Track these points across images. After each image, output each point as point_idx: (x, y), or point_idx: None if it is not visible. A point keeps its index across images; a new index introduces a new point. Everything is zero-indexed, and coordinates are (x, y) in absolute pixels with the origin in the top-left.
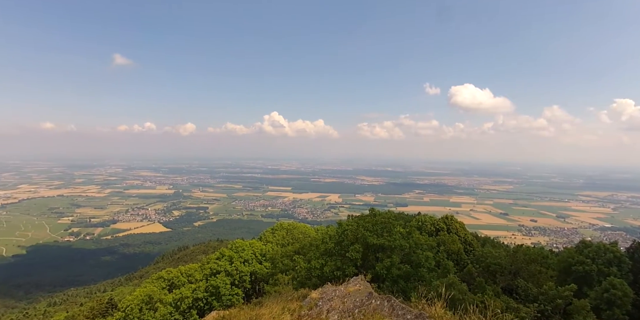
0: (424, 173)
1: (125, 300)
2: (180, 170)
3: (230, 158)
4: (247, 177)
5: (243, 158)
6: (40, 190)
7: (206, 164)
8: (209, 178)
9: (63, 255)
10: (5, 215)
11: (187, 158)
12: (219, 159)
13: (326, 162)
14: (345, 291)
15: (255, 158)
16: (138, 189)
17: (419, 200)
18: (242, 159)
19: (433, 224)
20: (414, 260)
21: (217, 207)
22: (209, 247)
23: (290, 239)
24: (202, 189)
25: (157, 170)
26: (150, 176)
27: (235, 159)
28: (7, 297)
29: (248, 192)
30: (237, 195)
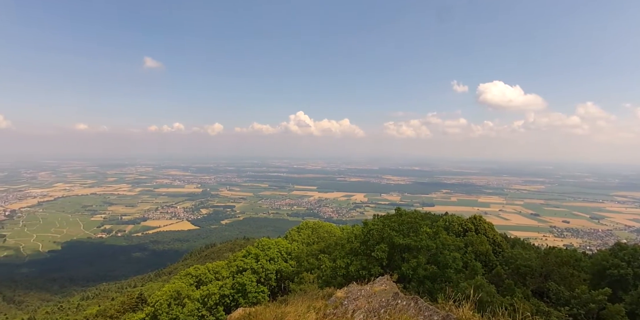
0: (451, 172)
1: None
2: (208, 170)
3: (256, 157)
4: (273, 176)
5: (269, 157)
6: (75, 188)
7: (233, 163)
8: (235, 177)
9: (96, 251)
10: (42, 212)
11: (214, 157)
12: (246, 158)
13: (352, 161)
14: (370, 291)
15: (281, 157)
16: (167, 187)
17: (446, 200)
18: (269, 158)
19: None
20: (440, 261)
21: (243, 206)
22: (235, 245)
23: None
24: (229, 187)
25: (185, 170)
26: (179, 175)
27: (262, 158)
28: (42, 290)
29: (274, 191)
30: (264, 194)
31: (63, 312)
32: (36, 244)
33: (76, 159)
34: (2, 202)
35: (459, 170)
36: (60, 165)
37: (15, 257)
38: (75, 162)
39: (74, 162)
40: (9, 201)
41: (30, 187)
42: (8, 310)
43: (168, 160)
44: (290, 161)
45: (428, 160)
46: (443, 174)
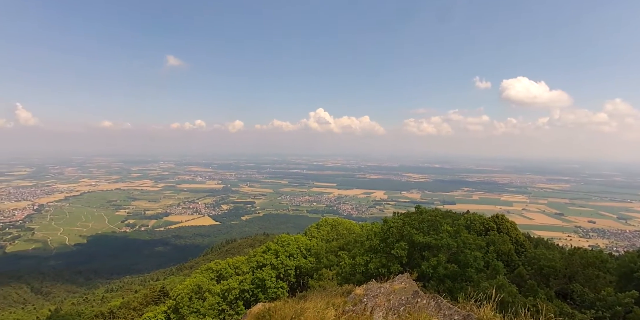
0: (473, 170)
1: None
2: (229, 166)
3: (276, 154)
4: (293, 173)
5: (289, 154)
6: (100, 184)
7: (253, 160)
8: (256, 173)
9: (120, 245)
10: (68, 207)
11: (235, 154)
12: (266, 155)
13: (372, 158)
14: (390, 288)
15: (300, 154)
16: (189, 183)
17: (467, 198)
18: (288, 155)
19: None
20: (461, 259)
21: (263, 202)
22: (255, 241)
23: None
24: (250, 184)
25: (207, 166)
26: (201, 171)
27: (282, 155)
28: (69, 282)
29: (294, 188)
30: (283, 191)
31: (88, 304)
32: (63, 238)
33: (101, 155)
34: (30, 196)
35: (480, 168)
36: (86, 161)
37: (43, 249)
38: (100, 158)
39: (99, 158)
40: (38, 196)
41: (57, 183)
42: (36, 300)
43: (190, 156)
44: (309, 158)
45: (449, 157)
46: (464, 172)
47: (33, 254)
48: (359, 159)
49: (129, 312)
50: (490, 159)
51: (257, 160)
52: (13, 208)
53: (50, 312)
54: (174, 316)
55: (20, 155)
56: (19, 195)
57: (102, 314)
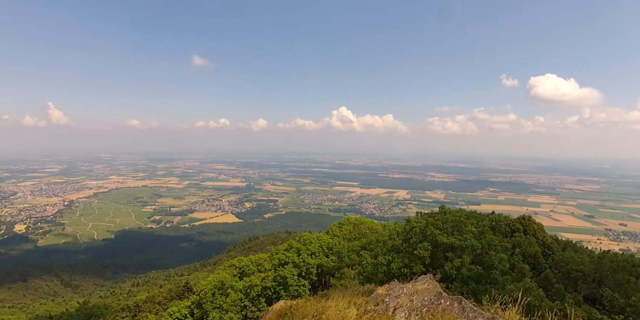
0: (499, 170)
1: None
2: (252, 164)
3: (299, 153)
4: (315, 171)
5: (312, 153)
6: (127, 181)
7: (276, 159)
8: (278, 172)
9: (146, 241)
10: (97, 203)
11: (258, 152)
12: (289, 153)
13: (395, 157)
14: (413, 289)
15: (323, 153)
16: (213, 181)
17: (492, 198)
18: (311, 153)
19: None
20: (486, 261)
21: (286, 200)
22: (277, 239)
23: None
24: (272, 182)
25: (230, 164)
26: (225, 169)
27: (304, 153)
28: (97, 276)
29: (316, 186)
30: (306, 189)
31: (115, 297)
32: (92, 233)
33: (129, 153)
34: (61, 192)
35: (507, 168)
36: (114, 158)
37: (73, 244)
38: (128, 156)
39: (126, 156)
40: (68, 192)
41: (87, 179)
42: (65, 293)
43: (214, 154)
44: (332, 157)
45: (474, 157)
46: (490, 172)
47: (63, 248)
48: (381, 158)
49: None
50: (516, 159)
51: (280, 158)
52: (45, 203)
53: (79, 304)
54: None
55: (51, 153)
56: (50, 192)
57: (128, 307)
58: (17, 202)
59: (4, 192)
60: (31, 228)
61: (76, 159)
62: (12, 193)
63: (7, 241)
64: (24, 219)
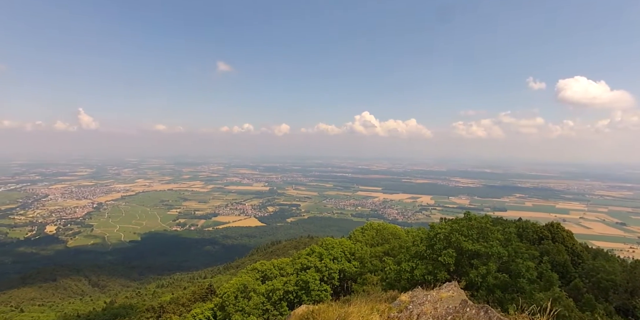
0: (526, 175)
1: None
2: (275, 169)
3: (321, 157)
4: (338, 176)
5: (334, 157)
6: (154, 184)
7: (299, 163)
8: (301, 176)
9: (171, 243)
10: (124, 205)
11: (281, 157)
12: (311, 158)
13: (418, 162)
14: (437, 296)
15: (346, 158)
16: (237, 185)
17: (519, 205)
18: (334, 158)
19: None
20: (512, 269)
21: (308, 205)
22: (300, 243)
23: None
24: (295, 186)
25: (254, 169)
26: (248, 174)
27: (327, 158)
28: (123, 277)
29: (339, 191)
30: (328, 194)
31: (140, 298)
32: (119, 234)
33: (155, 157)
34: (90, 195)
35: (534, 173)
36: (141, 162)
37: (101, 245)
38: (154, 160)
39: (153, 160)
40: (97, 195)
41: (115, 182)
42: (93, 292)
43: (238, 159)
44: (355, 161)
45: (500, 162)
46: (517, 177)
47: (92, 249)
48: (405, 163)
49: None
50: (544, 164)
51: (303, 163)
52: (75, 206)
53: (106, 304)
54: (220, 313)
55: (82, 157)
56: (80, 194)
57: (153, 308)
58: (48, 204)
59: (36, 194)
60: (61, 229)
61: (105, 163)
62: (44, 195)
63: (39, 241)
64: (55, 220)
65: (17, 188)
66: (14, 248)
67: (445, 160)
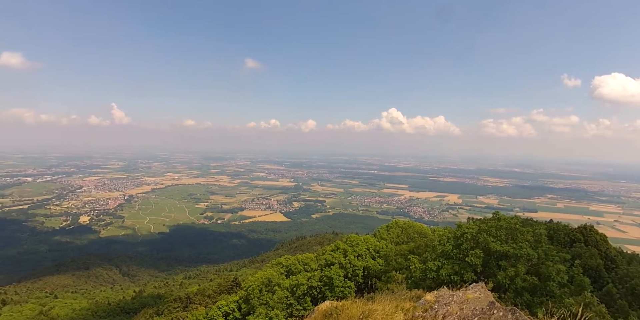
0: (558, 175)
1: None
2: (301, 165)
3: (347, 154)
4: (363, 173)
5: (360, 154)
6: (183, 178)
7: (325, 159)
8: (327, 173)
9: (198, 236)
10: (154, 198)
11: (307, 153)
12: (337, 154)
13: (446, 160)
14: (463, 297)
15: (372, 155)
16: (263, 180)
17: (551, 206)
18: (360, 155)
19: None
20: (542, 272)
21: (333, 201)
22: (324, 239)
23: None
24: (321, 183)
25: (280, 164)
26: (274, 169)
27: (353, 155)
28: (152, 267)
29: (364, 188)
30: (354, 191)
31: (168, 288)
32: (149, 226)
33: (184, 152)
34: (122, 187)
35: (567, 173)
36: (170, 156)
37: (131, 236)
38: (183, 154)
39: (182, 154)
40: (128, 187)
41: (145, 176)
42: (123, 282)
43: (264, 154)
44: (381, 159)
45: (531, 161)
46: (548, 177)
47: (123, 240)
48: (432, 161)
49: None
50: (578, 164)
51: (329, 159)
52: (107, 197)
53: (135, 293)
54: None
55: (114, 150)
56: (112, 186)
57: (180, 298)
58: (82, 196)
59: (71, 185)
60: (94, 220)
61: (136, 157)
62: (78, 187)
63: (73, 231)
64: (88, 211)
65: (53, 179)
66: (50, 237)
67: (474, 159)
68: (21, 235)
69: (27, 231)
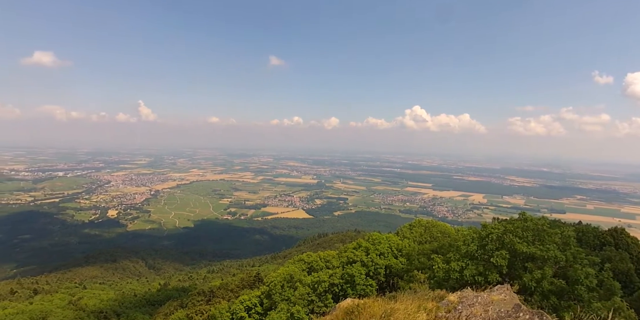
0: (588, 176)
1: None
2: (324, 162)
3: (370, 152)
4: (386, 171)
5: (383, 152)
6: (207, 174)
7: (348, 157)
8: (349, 170)
9: (222, 231)
10: (179, 193)
11: (330, 150)
12: (360, 152)
13: (471, 159)
14: (488, 299)
15: (395, 152)
16: (286, 177)
17: (580, 207)
18: (382, 153)
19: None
20: (570, 275)
21: (356, 199)
22: (346, 237)
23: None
24: (343, 180)
25: (302, 161)
26: (297, 166)
27: (376, 152)
28: (177, 261)
29: (387, 186)
30: (376, 189)
31: (192, 282)
32: (174, 220)
33: (208, 148)
34: (148, 183)
35: (597, 174)
36: (195, 153)
37: (157, 230)
38: (208, 151)
39: (206, 150)
40: (154, 182)
41: (171, 172)
42: (149, 274)
43: (287, 151)
44: (404, 157)
45: (560, 161)
46: (578, 178)
47: (149, 233)
48: (456, 159)
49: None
50: (609, 164)
51: (351, 157)
52: (134, 192)
53: (160, 285)
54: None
55: (141, 147)
56: (139, 182)
57: (203, 292)
58: (110, 190)
59: (100, 180)
60: (122, 214)
61: (162, 153)
62: (107, 182)
63: (102, 224)
64: (116, 205)
65: (83, 174)
66: (80, 230)
67: (500, 158)
68: (52, 227)
69: (58, 224)
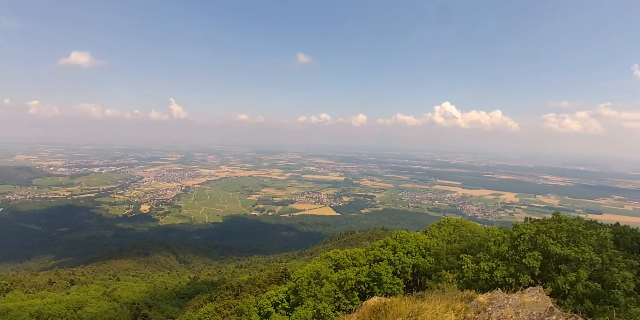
0: (627, 175)
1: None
2: (351, 159)
3: (398, 149)
4: (414, 168)
5: (411, 149)
6: (236, 171)
7: (375, 154)
8: (377, 168)
9: (250, 227)
10: (209, 189)
11: (357, 148)
12: (388, 149)
13: (502, 157)
14: (519, 301)
15: (423, 150)
16: (313, 174)
17: (618, 208)
18: (411, 150)
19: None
20: (606, 278)
21: (383, 197)
22: (373, 234)
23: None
24: (371, 178)
25: (330, 158)
26: (324, 163)
27: (404, 150)
28: (206, 255)
29: (415, 184)
30: (404, 187)
31: (220, 276)
32: (204, 216)
33: (237, 145)
34: (179, 179)
35: (637, 173)
36: (224, 150)
37: (187, 225)
38: (237, 148)
39: (235, 148)
40: (185, 178)
41: (201, 168)
42: (179, 267)
43: (314, 148)
44: (433, 154)
45: (597, 159)
46: (616, 177)
47: (180, 228)
48: (487, 157)
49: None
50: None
51: (379, 154)
52: (166, 188)
53: (190, 279)
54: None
55: (172, 144)
56: (170, 178)
57: (232, 286)
58: (143, 186)
59: (133, 176)
60: (154, 208)
61: (192, 149)
62: (140, 177)
63: (135, 219)
64: (149, 200)
65: (117, 170)
66: (114, 223)
67: (533, 156)
68: (88, 221)
69: (94, 217)
